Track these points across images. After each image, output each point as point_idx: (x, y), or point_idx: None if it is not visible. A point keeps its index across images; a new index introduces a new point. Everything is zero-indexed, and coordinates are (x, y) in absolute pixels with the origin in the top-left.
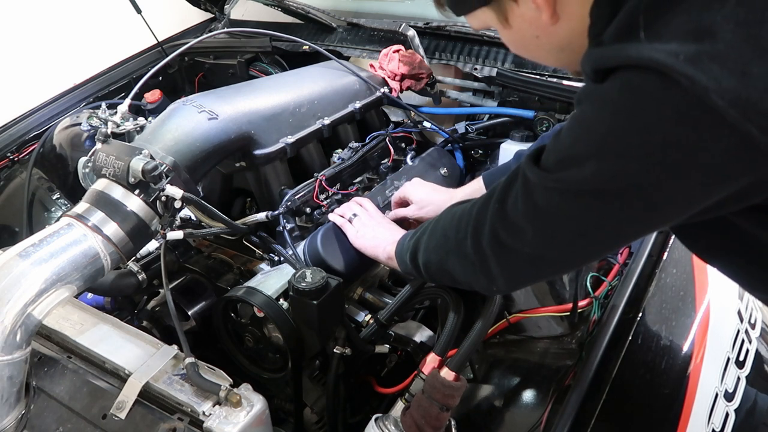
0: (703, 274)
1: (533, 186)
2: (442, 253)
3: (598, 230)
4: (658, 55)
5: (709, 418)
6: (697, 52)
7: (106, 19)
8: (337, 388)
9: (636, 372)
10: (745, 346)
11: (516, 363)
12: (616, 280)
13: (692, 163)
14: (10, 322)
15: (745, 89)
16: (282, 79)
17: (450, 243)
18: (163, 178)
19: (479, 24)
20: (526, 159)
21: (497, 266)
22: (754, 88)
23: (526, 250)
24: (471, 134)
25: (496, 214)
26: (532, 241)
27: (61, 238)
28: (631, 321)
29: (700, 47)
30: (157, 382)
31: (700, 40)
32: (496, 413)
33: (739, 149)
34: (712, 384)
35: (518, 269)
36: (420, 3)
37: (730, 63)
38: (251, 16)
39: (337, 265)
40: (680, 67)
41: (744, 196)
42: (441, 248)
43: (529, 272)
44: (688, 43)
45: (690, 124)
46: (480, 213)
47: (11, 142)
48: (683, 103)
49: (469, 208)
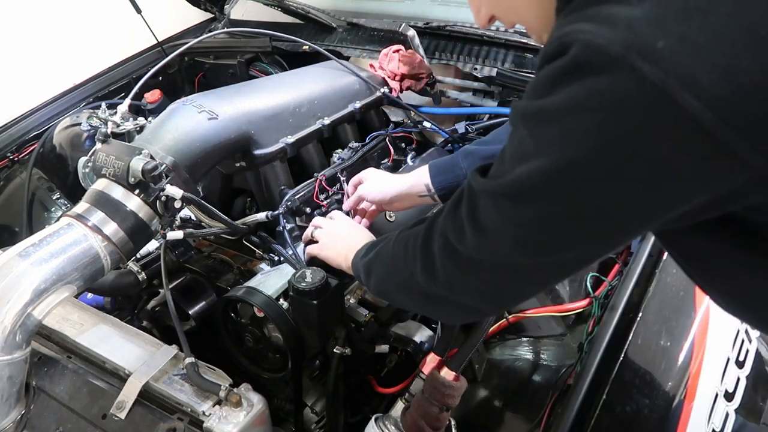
0: None
1: (477, 194)
2: (392, 286)
3: (556, 234)
4: (614, 35)
5: (709, 418)
6: (678, 35)
7: (106, 19)
8: (337, 388)
9: (636, 372)
10: (745, 346)
11: (516, 363)
12: (616, 280)
13: (653, 174)
14: (10, 322)
15: (728, 87)
16: (282, 79)
17: (400, 276)
18: (163, 178)
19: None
20: (472, 172)
21: (461, 290)
22: (739, 87)
23: (487, 260)
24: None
25: (448, 229)
26: (492, 248)
27: (61, 238)
28: (631, 321)
29: (683, 29)
30: (157, 382)
31: (688, 18)
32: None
33: (714, 158)
34: (712, 384)
35: (497, 282)
36: (420, 3)
37: (717, 54)
38: (251, 16)
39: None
40: (646, 56)
41: (713, 208)
42: (391, 280)
43: (511, 283)
44: (669, 21)
45: (655, 128)
46: (425, 245)
47: (11, 142)
48: (648, 103)
49: (412, 244)
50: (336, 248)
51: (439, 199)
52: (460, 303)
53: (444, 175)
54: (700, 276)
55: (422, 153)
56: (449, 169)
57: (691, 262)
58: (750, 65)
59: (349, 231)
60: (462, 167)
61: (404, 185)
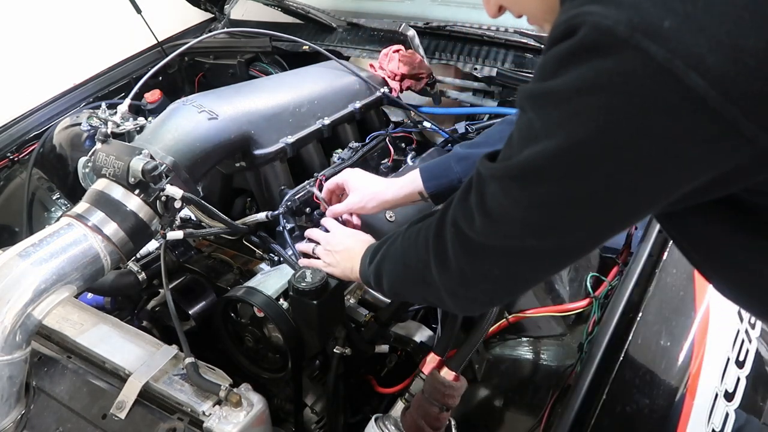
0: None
1: (485, 179)
2: (410, 284)
3: (562, 215)
4: (619, 16)
5: (709, 418)
6: (683, 14)
7: (106, 19)
8: (337, 388)
9: (636, 372)
10: (745, 346)
11: (516, 363)
12: (616, 280)
13: (659, 154)
14: (10, 322)
15: (734, 66)
16: (282, 79)
17: (413, 271)
18: (163, 178)
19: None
20: (481, 159)
21: (475, 278)
22: (744, 65)
23: (498, 245)
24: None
25: (458, 216)
26: (503, 233)
27: (61, 238)
28: (631, 321)
29: (688, 8)
30: (157, 382)
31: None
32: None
33: (720, 137)
34: (712, 384)
35: (509, 267)
36: (420, 3)
37: (722, 33)
38: (251, 16)
39: None
40: (652, 36)
41: (718, 187)
42: (404, 277)
43: (524, 267)
44: (674, 1)
45: (661, 107)
46: (438, 236)
47: (11, 142)
48: (654, 83)
49: (424, 235)
50: (340, 264)
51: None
52: (471, 293)
53: (437, 180)
54: (704, 262)
55: (422, 153)
56: (442, 173)
57: (694, 246)
58: (756, 43)
59: (347, 242)
60: (455, 171)
61: (399, 193)
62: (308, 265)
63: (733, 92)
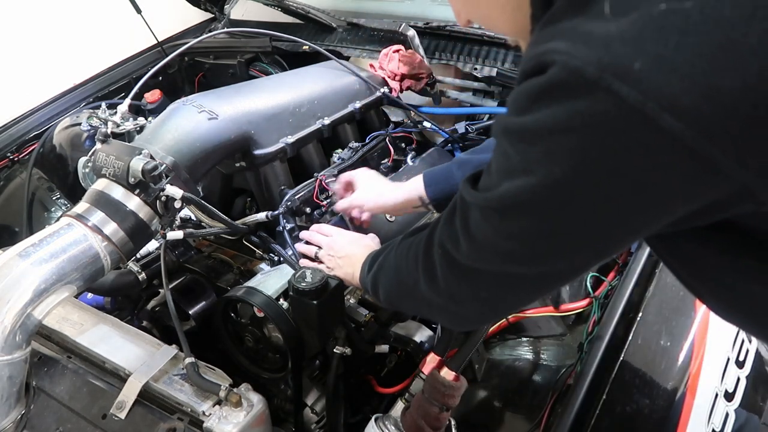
0: None
1: (468, 205)
2: (403, 297)
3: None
4: (588, 56)
5: (709, 418)
6: (654, 54)
7: (106, 19)
8: (337, 388)
9: (636, 372)
10: (745, 346)
11: (516, 363)
12: (616, 280)
13: (636, 192)
14: (10, 322)
15: (710, 106)
16: (282, 79)
17: (405, 286)
18: (163, 178)
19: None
20: (463, 182)
21: (462, 298)
22: (721, 104)
23: (483, 269)
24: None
25: (444, 240)
26: (486, 258)
27: (61, 238)
28: (631, 321)
29: (660, 48)
30: (157, 382)
31: (665, 37)
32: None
33: (698, 175)
34: (712, 384)
35: (494, 290)
36: (420, 3)
37: (697, 73)
38: (251, 16)
39: None
40: (623, 77)
41: (700, 217)
42: (397, 290)
43: (509, 291)
44: (645, 40)
45: (635, 148)
46: (426, 253)
47: (11, 142)
48: (627, 125)
49: (414, 252)
50: (342, 269)
51: (434, 210)
52: (462, 310)
53: (438, 185)
54: (695, 283)
55: (422, 153)
56: (443, 179)
57: (684, 267)
58: (731, 83)
59: (349, 247)
60: (456, 177)
61: (400, 197)
62: (314, 267)
63: (709, 131)
